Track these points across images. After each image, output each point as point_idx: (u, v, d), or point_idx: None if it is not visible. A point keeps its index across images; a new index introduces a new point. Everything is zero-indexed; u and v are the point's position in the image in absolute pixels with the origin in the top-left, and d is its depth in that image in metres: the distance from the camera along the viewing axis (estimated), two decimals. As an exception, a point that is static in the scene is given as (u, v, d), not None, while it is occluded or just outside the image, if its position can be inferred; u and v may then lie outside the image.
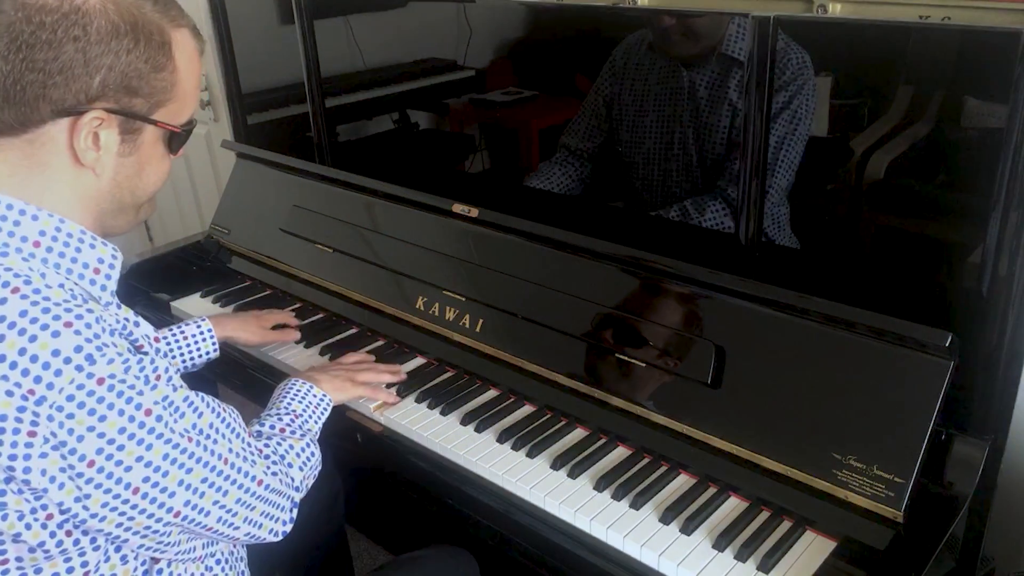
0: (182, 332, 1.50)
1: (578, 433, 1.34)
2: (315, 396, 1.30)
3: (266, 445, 1.12)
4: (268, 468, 1.05)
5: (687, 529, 1.13)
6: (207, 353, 1.51)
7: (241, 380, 1.65)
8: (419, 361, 1.56)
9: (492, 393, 1.45)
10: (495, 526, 1.24)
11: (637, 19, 1.47)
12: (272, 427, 1.20)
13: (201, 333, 1.51)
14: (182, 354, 1.49)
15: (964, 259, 1.15)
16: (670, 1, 1.67)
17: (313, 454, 1.19)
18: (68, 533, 0.88)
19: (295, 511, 1.10)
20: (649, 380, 1.30)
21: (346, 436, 1.43)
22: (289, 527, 1.09)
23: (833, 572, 1.05)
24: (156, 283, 1.90)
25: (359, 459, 1.32)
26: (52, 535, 0.87)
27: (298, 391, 1.30)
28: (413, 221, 1.66)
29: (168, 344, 1.48)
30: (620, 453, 1.29)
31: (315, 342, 1.63)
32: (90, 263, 0.92)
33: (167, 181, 1.03)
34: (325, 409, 1.31)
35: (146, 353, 0.90)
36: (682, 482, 1.23)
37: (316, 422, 1.27)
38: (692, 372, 1.26)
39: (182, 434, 0.91)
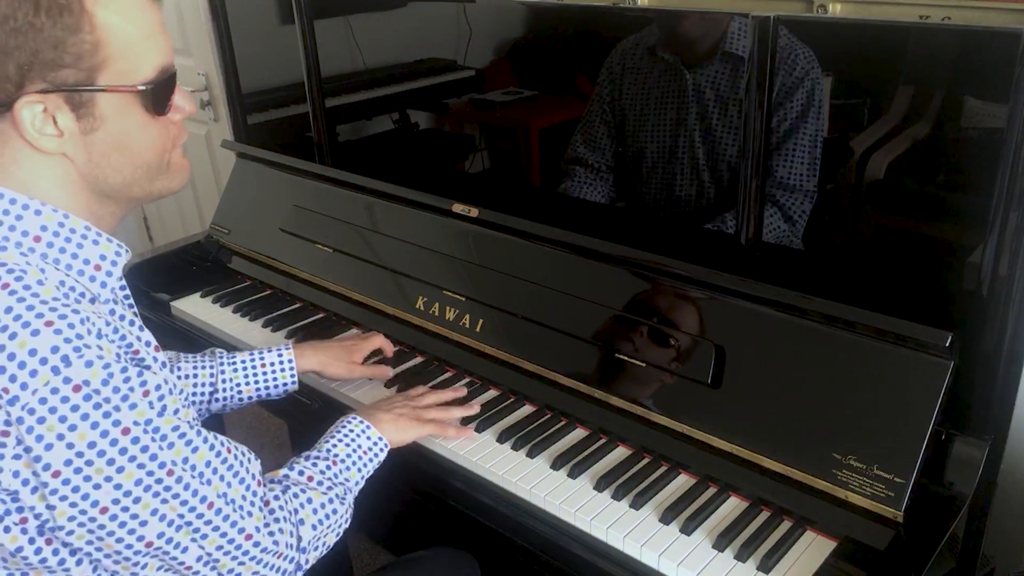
0: (262, 359, 1.39)
1: (578, 433, 1.34)
2: (368, 439, 1.20)
3: (276, 498, 1.02)
4: (267, 524, 0.97)
5: (687, 529, 1.13)
6: (284, 384, 1.39)
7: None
8: (419, 361, 1.56)
9: (492, 393, 1.45)
10: (495, 526, 1.24)
11: (637, 19, 1.47)
12: (301, 472, 1.10)
13: (281, 363, 1.39)
14: (256, 382, 1.38)
15: (964, 259, 1.15)
16: (670, 1, 1.67)
17: (335, 511, 1.08)
18: (48, 541, 0.85)
19: (300, 574, 1.03)
20: (649, 380, 1.30)
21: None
22: None
23: (833, 572, 1.05)
24: (156, 283, 1.90)
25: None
26: (31, 541, 0.84)
27: (351, 431, 1.19)
28: (413, 221, 1.66)
29: (245, 369, 1.37)
30: (620, 453, 1.29)
31: (315, 342, 1.63)
32: (91, 259, 0.91)
33: (164, 150, 0.94)
34: (376, 455, 1.20)
35: (142, 360, 0.88)
36: (682, 482, 1.23)
37: (359, 470, 1.16)
38: (692, 372, 1.26)
39: (163, 464, 0.86)
